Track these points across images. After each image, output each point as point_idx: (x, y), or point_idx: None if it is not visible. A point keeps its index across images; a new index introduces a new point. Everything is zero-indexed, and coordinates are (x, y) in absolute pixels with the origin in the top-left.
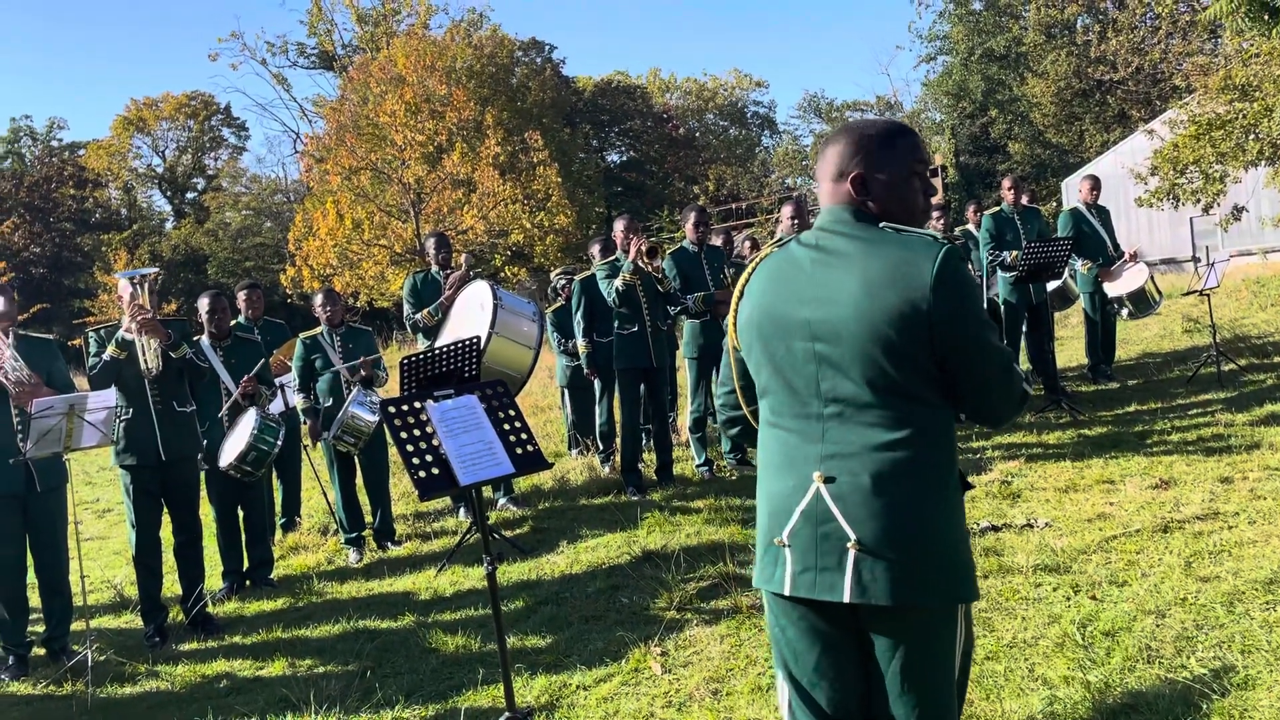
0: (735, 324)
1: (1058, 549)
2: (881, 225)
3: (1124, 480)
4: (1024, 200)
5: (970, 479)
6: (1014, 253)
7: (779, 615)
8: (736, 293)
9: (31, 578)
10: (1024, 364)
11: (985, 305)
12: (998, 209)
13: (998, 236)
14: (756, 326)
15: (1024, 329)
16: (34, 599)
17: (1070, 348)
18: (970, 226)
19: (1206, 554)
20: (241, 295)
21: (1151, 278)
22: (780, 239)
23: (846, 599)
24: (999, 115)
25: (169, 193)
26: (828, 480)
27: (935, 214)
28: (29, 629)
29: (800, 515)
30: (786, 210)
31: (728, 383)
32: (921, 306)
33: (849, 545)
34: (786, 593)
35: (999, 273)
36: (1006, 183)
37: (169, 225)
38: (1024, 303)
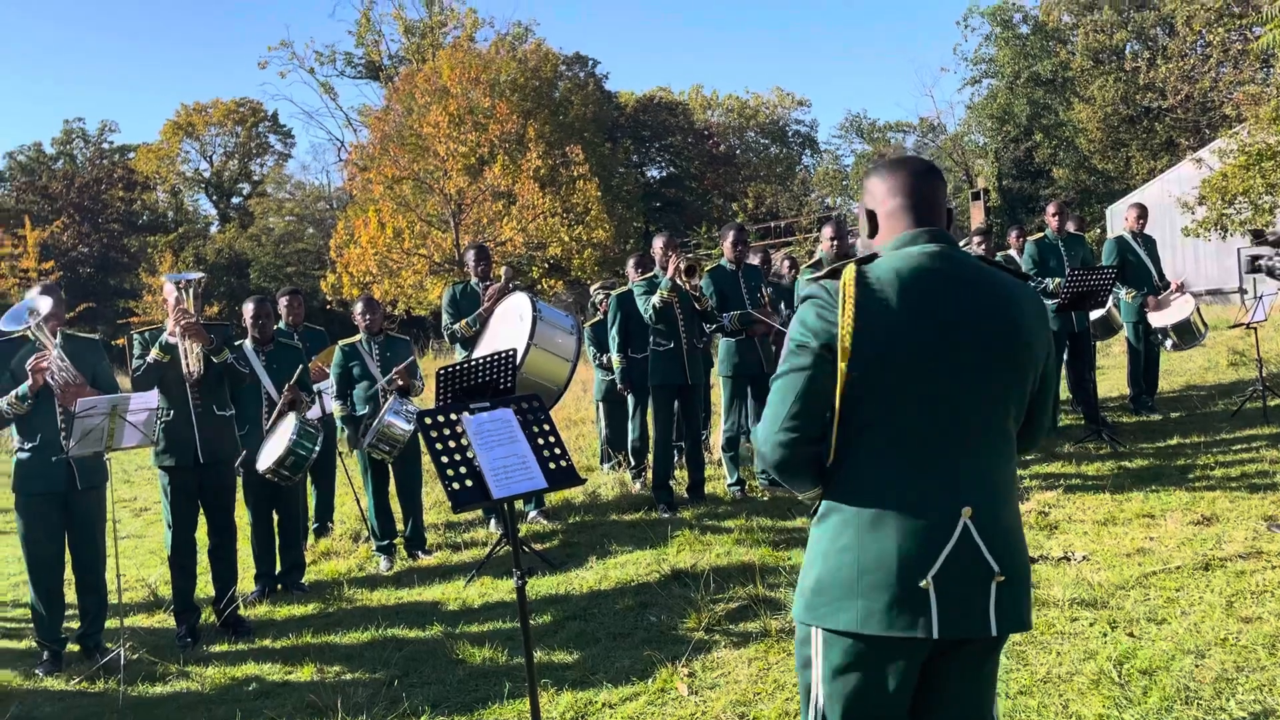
0: (852, 345)
1: (1095, 583)
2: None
3: (1165, 515)
4: (1069, 227)
5: None
6: (1057, 280)
7: (868, 658)
8: (851, 310)
9: (68, 574)
10: (1064, 393)
11: None
12: (1042, 235)
13: (1041, 263)
14: (915, 350)
15: (1065, 357)
16: (70, 595)
17: (1112, 377)
18: (1012, 251)
19: (1249, 594)
20: (283, 301)
21: (1197, 309)
22: (860, 255)
23: (995, 632)
24: (1044, 140)
25: (215, 197)
26: (973, 515)
27: (978, 238)
28: (64, 625)
29: (949, 554)
30: (827, 230)
31: (802, 416)
32: (1048, 339)
33: (996, 579)
34: (936, 636)
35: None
36: (1051, 209)
37: (214, 229)
38: (1065, 330)
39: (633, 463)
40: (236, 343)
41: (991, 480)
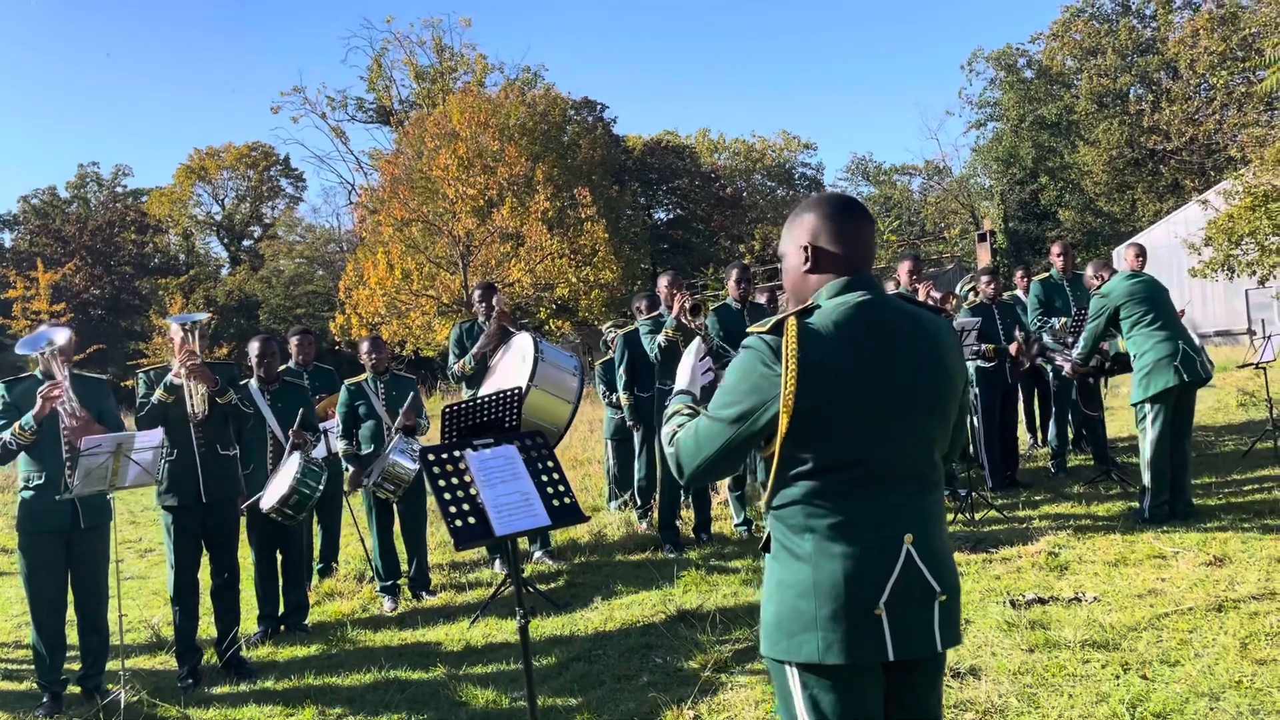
0: (795, 399)
1: (1106, 625)
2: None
3: (1176, 556)
4: (1074, 267)
5: (1017, 549)
6: (1062, 319)
7: (838, 685)
8: (794, 366)
9: (70, 615)
10: (1072, 433)
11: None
12: (1047, 275)
13: (1046, 302)
14: (851, 400)
15: (1074, 397)
16: (72, 636)
17: (1121, 417)
18: (1018, 292)
19: (1263, 635)
20: (294, 341)
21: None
22: (807, 306)
23: (940, 649)
24: (1049, 182)
25: (226, 240)
26: (914, 541)
27: (985, 278)
28: (65, 666)
29: (895, 579)
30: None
31: (727, 459)
32: (965, 369)
33: (938, 598)
34: (892, 657)
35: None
36: (1056, 249)
37: (224, 271)
38: None
39: (639, 502)
40: (242, 382)
41: (925, 507)
